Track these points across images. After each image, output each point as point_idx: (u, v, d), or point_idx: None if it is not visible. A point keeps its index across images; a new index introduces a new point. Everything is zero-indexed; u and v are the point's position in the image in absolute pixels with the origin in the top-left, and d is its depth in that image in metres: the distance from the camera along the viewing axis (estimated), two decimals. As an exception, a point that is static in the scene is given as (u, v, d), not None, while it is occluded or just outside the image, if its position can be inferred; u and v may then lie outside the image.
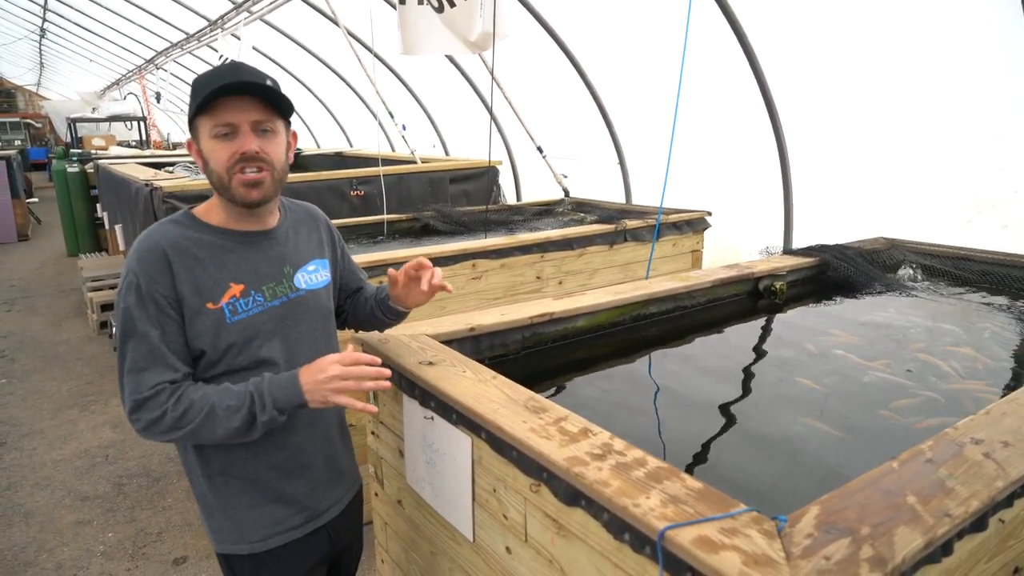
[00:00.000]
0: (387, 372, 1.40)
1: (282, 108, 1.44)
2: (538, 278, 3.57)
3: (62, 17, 13.87)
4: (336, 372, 1.35)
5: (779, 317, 2.62)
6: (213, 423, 1.36)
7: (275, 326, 1.50)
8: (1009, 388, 1.90)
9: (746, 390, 2.01)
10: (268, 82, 1.40)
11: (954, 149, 3.60)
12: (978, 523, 1.10)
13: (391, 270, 1.68)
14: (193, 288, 1.40)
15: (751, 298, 2.74)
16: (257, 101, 1.40)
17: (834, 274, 2.88)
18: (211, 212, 1.50)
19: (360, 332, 1.87)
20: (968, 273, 2.87)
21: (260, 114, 1.40)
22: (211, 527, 1.57)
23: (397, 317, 1.76)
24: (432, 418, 1.63)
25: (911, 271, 2.98)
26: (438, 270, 1.64)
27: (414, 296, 1.67)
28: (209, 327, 1.41)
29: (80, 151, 11.91)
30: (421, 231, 4.41)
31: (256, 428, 1.39)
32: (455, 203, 5.23)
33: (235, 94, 1.37)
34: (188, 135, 1.48)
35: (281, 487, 1.56)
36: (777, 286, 2.71)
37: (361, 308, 1.81)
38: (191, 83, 1.44)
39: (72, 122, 15.39)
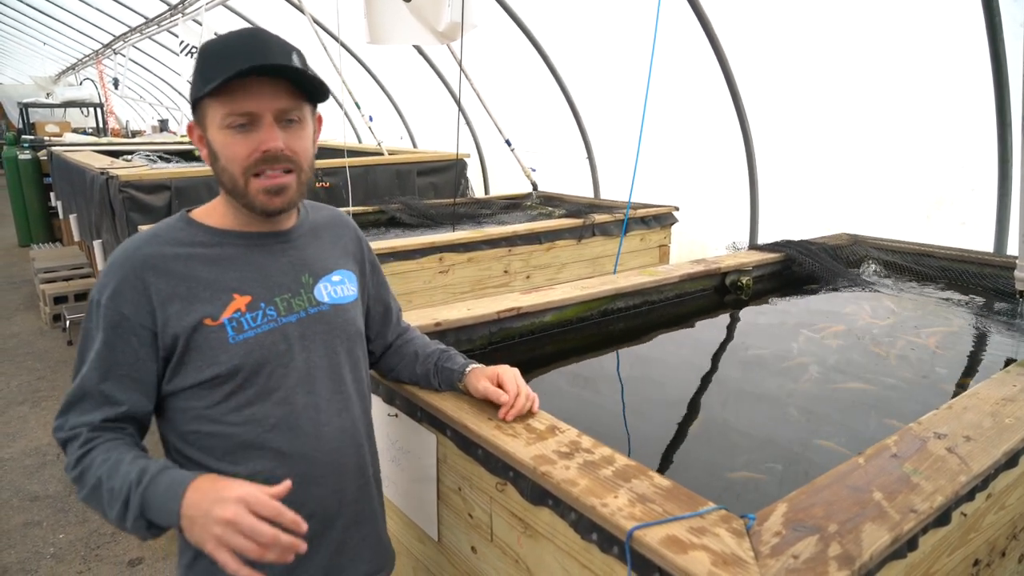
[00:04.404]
0: (302, 547, 0.97)
1: (313, 92, 1.15)
2: (506, 272, 3.54)
3: (13, -3, 13.35)
4: (232, 516, 0.94)
5: (745, 312, 2.63)
6: (99, 502, 1.05)
7: (291, 348, 1.20)
8: (969, 381, 1.93)
9: (713, 385, 2.01)
10: (295, 57, 1.11)
11: (914, 147, 3.67)
12: (942, 518, 1.11)
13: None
14: (184, 304, 1.13)
15: (718, 293, 2.75)
16: (285, 84, 1.11)
17: (799, 269, 2.91)
18: (212, 213, 1.22)
19: None
20: (928, 269, 2.92)
21: (287, 101, 1.11)
22: None
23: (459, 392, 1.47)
24: (396, 415, 1.59)
25: (873, 267, 3.03)
26: (522, 398, 1.34)
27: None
28: (211, 350, 1.14)
29: (33, 137, 11.49)
30: (387, 224, 4.35)
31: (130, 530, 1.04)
32: (422, 196, 5.18)
33: (258, 75, 1.09)
34: (190, 117, 1.18)
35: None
36: (743, 281, 2.73)
37: (407, 362, 1.50)
38: (199, 50, 1.14)
39: (24, 107, 14.84)
